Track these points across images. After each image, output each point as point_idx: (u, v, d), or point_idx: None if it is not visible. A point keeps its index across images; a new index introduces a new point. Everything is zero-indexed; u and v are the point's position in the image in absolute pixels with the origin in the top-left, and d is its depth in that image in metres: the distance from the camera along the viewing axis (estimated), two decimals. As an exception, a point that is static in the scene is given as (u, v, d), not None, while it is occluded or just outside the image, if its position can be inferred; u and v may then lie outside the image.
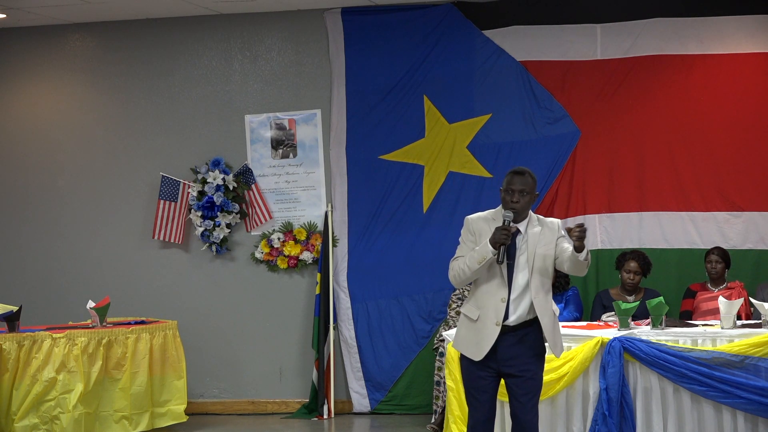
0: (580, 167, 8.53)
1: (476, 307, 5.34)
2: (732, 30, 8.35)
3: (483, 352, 5.29)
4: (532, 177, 5.36)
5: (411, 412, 8.65)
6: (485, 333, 5.29)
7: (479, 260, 5.24)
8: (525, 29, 8.63)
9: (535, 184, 5.38)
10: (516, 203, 5.29)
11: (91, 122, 9.29)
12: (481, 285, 5.34)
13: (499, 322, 5.27)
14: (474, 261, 5.26)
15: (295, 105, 9.00)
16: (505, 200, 5.33)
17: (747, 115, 8.34)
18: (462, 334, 5.42)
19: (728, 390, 6.48)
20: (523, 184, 5.31)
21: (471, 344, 5.34)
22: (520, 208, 5.31)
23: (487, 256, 5.22)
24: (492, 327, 5.28)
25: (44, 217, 9.31)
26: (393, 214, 8.79)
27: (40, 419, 7.35)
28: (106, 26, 9.22)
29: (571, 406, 6.68)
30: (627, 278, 7.84)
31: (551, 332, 5.37)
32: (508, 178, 5.34)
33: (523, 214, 5.35)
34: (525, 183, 5.31)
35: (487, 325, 5.29)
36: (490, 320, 5.29)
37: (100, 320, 7.82)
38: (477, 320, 5.33)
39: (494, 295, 5.29)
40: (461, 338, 5.42)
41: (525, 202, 5.32)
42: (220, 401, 9.03)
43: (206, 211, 8.92)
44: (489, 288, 5.31)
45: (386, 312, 8.78)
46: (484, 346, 5.29)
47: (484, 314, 5.31)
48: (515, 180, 5.32)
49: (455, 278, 5.39)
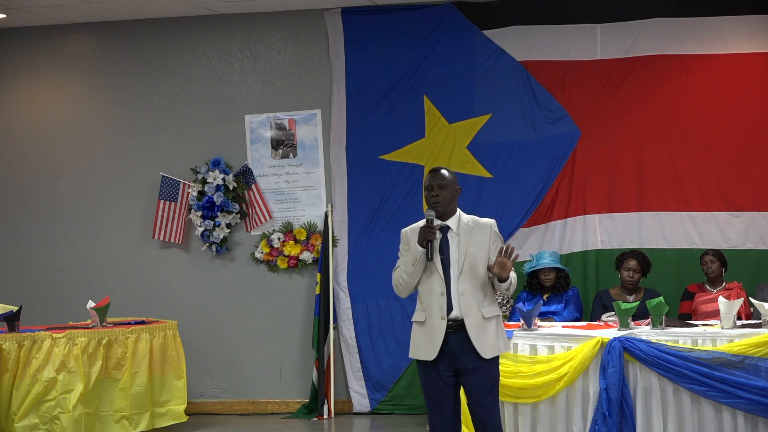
0: (580, 167, 8.53)
1: (422, 309, 5.42)
2: (732, 30, 8.35)
3: (435, 350, 5.35)
4: (449, 172, 5.47)
5: (411, 412, 8.65)
6: (433, 331, 5.36)
7: (412, 262, 5.37)
8: (525, 29, 8.63)
9: (455, 178, 5.47)
10: (436, 197, 5.39)
11: (91, 122, 9.30)
12: (423, 285, 5.42)
13: (444, 316, 5.34)
14: (408, 264, 5.38)
15: (295, 105, 9.00)
16: (427, 198, 5.45)
17: (747, 115, 8.34)
18: (415, 341, 5.47)
19: (728, 390, 6.48)
20: (441, 179, 5.42)
21: (423, 346, 5.40)
22: (442, 201, 5.40)
23: (418, 256, 5.34)
24: (438, 322, 5.35)
25: (44, 217, 9.32)
26: (393, 214, 8.79)
27: (40, 419, 7.35)
28: (106, 26, 9.22)
29: (571, 406, 6.68)
30: (627, 276, 7.84)
31: (475, 335, 5.34)
32: (427, 177, 5.48)
33: (448, 210, 5.44)
34: (442, 177, 5.43)
35: (433, 322, 5.36)
36: (435, 317, 5.36)
37: (100, 320, 7.82)
38: (425, 321, 5.40)
39: (434, 291, 5.37)
40: (415, 345, 5.47)
41: (445, 196, 5.41)
42: (220, 401, 9.03)
43: (206, 211, 8.92)
44: (428, 285, 5.39)
45: (386, 312, 8.78)
46: (436, 343, 5.35)
47: (429, 313, 5.38)
48: (433, 177, 5.45)
49: (397, 287, 5.49)
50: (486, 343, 5.38)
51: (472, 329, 5.34)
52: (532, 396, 6.65)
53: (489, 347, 5.39)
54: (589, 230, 8.50)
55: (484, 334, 5.37)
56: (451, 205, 5.46)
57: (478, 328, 5.35)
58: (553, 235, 8.51)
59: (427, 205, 5.46)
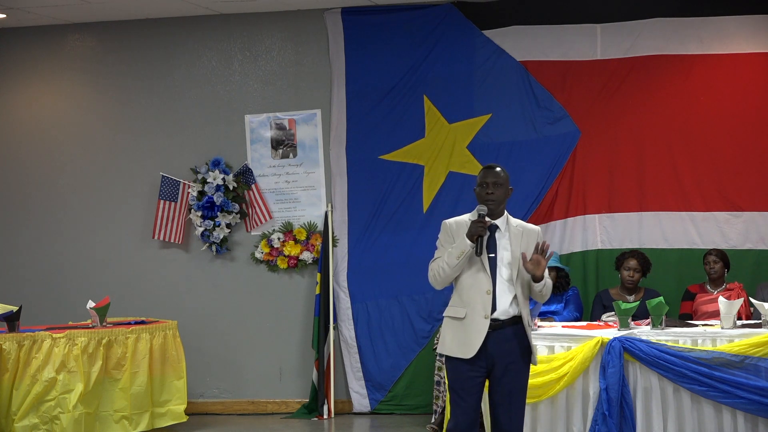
0: (580, 167, 8.53)
1: (462, 306, 5.33)
2: (732, 30, 8.35)
3: (474, 349, 5.25)
4: (504, 171, 5.42)
5: (411, 412, 8.65)
6: (474, 328, 5.27)
7: (458, 255, 5.26)
8: (525, 29, 8.63)
9: (508, 178, 5.42)
10: (491, 194, 5.33)
11: (91, 122, 9.30)
12: (466, 281, 5.33)
13: (488, 315, 5.27)
14: (453, 257, 5.28)
15: (295, 105, 9.00)
16: (480, 195, 5.37)
17: (747, 116, 8.34)
18: (450, 337, 5.37)
19: (728, 390, 6.48)
20: (496, 177, 5.36)
21: (460, 343, 5.30)
22: (496, 200, 5.34)
23: (465, 249, 5.25)
24: (481, 321, 5.27)
25: (44, 217, 9.32)
26: (393, 214, 8.79)
27: (40, 419, 7.34)
28: (106, 26, 9.22)
29: (571, 406, 6.68)
30: (627, 276, 7.84)
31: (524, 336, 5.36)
32: (482, 173, 5.40)
33: (499, 210, 5.38)
34: (497, 176, 5.37)
35: (475, 320, 5.27)
36: (478, 314, 5.27)
37: (100, 320, 7.82)
38: (465, 318, 5.30)
39: (480, 289, 5.29)
40: (449, 341, 5.37)
41: (499, 194, 5.35)
42: (220, 401, 9.03)
43: (206, 211, 8.92)
44: (473, 282, 5.31)
45: (386, 312, 8.78)
46: (475, 342, 5.25)
47: (471, 310, 5.29)
48: (488, 174, 5.38)
49: (435, 278, 5.39)
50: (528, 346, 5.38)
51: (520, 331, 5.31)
52: (532, 396, 6.63)
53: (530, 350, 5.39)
54: (589, 230, 8.51)
55: (526, 337, 5.35)
56: (502, 205, 5.40)
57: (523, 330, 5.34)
58: (553, 235, 8.51)
59: (479, 201, 5.36)
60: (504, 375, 5.32)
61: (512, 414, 5.35)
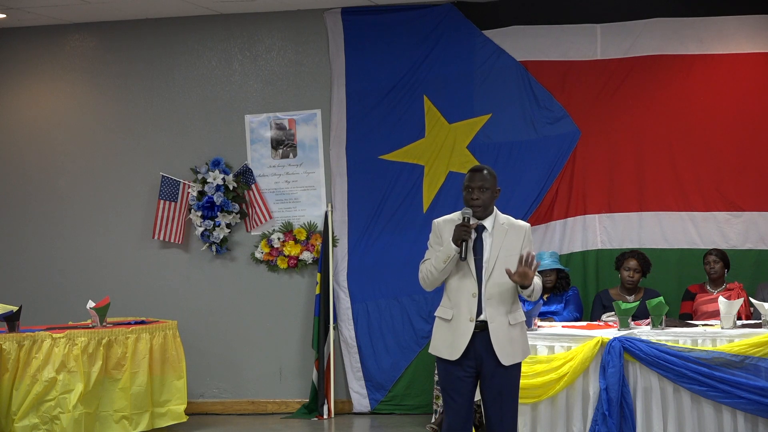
0: (580, 167, 8.53)
1: (449, 307, 5.35)
2: (732, 30, 8.36)
3: (460, 351, 5.28)
4: (491, 173, 5.39)
5: (411, 412, 8.65)
6: (460, 331, 5.29)
7: (444, 259, 5.29)
8: (525, 29, 8.63)
9: (495, 180, 5.39)
10: (476, 200, 5.32)
11: (91, 122, 9.30)
12: (453, 283, 5.35)
13: (473, 318, 5.28)
14: (439, 261, 5.31)
15: (295, 105, 9.00)
16: (466, 198, 5.36)
17: (747, 115, 8.34)
18: (438, 337, 5.40)
19: (728, 390, 6.48)
20: (482, 180, 5.34)
21: (447, 345, 5.33)
22: (482, 204, 5.32)
23: (451, 254, 5.26)
24: (466, 324, 5.28)
25: (44, 217, 9.32)
26: (393, 214, 8.79)
27: (40, 419, 7.35)
28: (106, 26, 9.22)
29: (571, 406, 6.68)
30: (627, 276, 7.84)
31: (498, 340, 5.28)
32: (467, 176, 5.39)
33: (487, 211, 5.37)
34: (483, 179, 5.35)
35: (461, 322, 5.30)
36: (464, 317, 5.29)
37: (100, 320, 7.82)
38: (451, 319, 5.33)
39: (465, 292, 5.31)
40: (437, 341, 5.40)
41: (485, 198, 5.33)
42: (220, 401, 9.03)
43: (206, 211, 8.92)
44: (459, 285, 5.32)
45: (386, 312, 8.78)
46: (460, 345, 5.28)
47: (457, 312, 5.31)
48: (474, 177, 5.36)
49: (424, 280, 5.42)
50: (508, 349, 5.31)
51: (496, 334, 5.28)
52: (532, 396, 6.65)
53: (511, 354, 5.32)
54: (589, 230, 8.50)
55: (508, 340, 5.31)
56: (490, 206, 5.38)
57: (503, 333, 5.29)
58: (553, 235, 8.52)
59: (465, 205, 5.35)
60: (494, 375, 5.32)
61: (504, 414, 5.35)
